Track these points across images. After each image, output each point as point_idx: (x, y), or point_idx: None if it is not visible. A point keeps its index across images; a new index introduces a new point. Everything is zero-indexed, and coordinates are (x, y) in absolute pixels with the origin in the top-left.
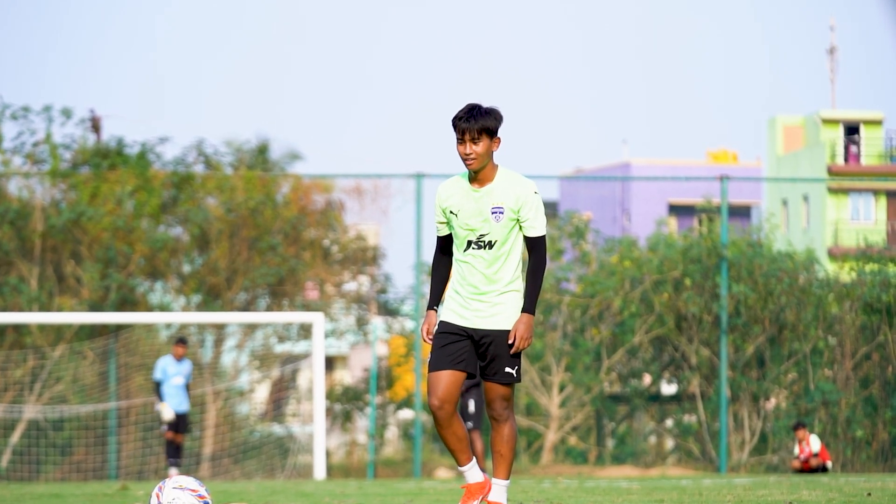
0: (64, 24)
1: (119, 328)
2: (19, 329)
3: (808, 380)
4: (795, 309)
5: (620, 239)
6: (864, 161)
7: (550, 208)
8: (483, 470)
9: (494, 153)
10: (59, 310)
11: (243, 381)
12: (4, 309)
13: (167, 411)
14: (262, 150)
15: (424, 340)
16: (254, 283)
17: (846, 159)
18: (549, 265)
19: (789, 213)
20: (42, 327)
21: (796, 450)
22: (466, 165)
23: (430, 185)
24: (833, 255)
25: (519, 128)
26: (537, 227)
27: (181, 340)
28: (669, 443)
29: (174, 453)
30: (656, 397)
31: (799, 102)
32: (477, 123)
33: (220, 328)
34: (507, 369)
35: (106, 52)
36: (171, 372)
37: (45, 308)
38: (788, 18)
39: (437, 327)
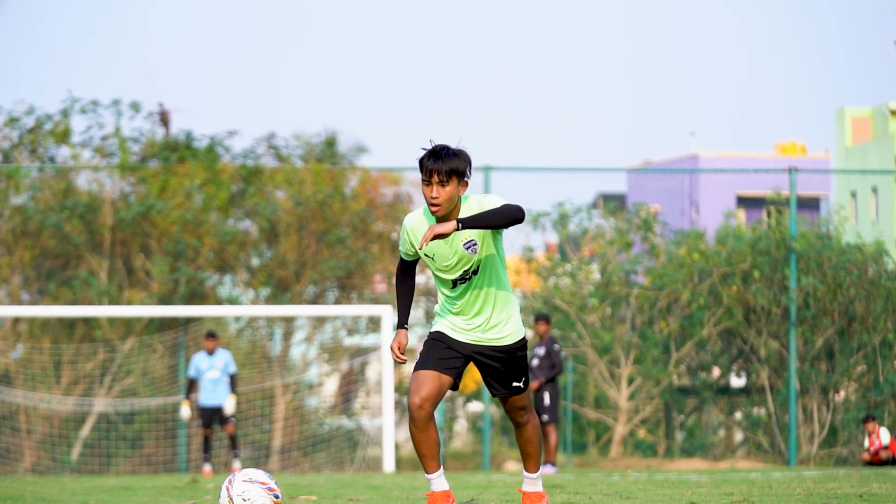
0: (133, 19)
1: (188, 321)
2: (89, 322)
3: (877, 372)
4: (864, 301)
5: (689, 231)
6: None
7: (619, 201)
8: (554, 464)
9: (461, 196)
10: (129, 303)
11: (312, 375)
12: (74, 302)
13: (184, 410)
14: (331, 143)
15: (396, 360)
16: (322, 277)
17: None
18: (617, 258)
19: (858, 204)
20: (112, 320)
21: (866, 442)
22: (431, 210)
23: (498, 178)
24: None
25: (588, 121)
26: (498, 201)
27: (210, 334)
28: (738, 435)
29: (232, 446)
30: (725, 390)
31: (867, 94)
32: (446, 164)
33: (288, 321)
34: (515, 383)
35: (175, 47)
36: (204, 367)
37: (114, 301)
38: (856, 9)
39: (430, 334)
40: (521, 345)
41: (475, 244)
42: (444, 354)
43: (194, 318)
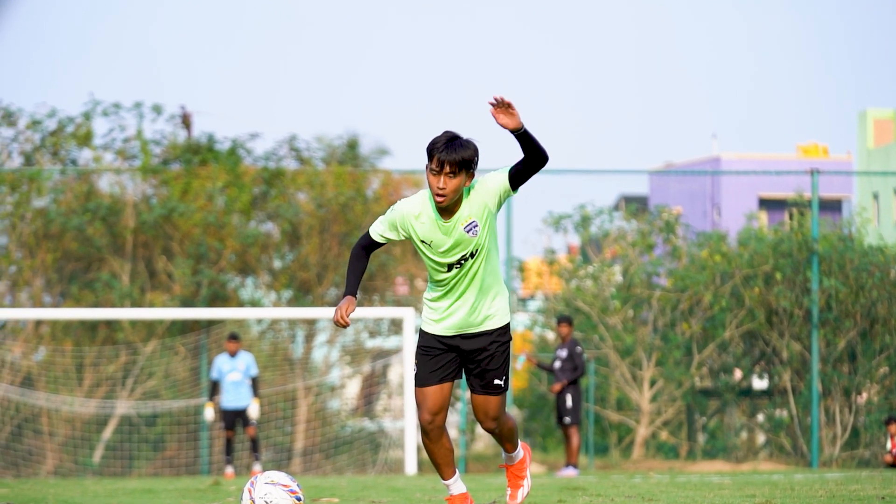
0: (154, 22)
1: (210, 324)
2: (111, 325)
3: None
4: (887, 303)
5: (711, 233)
6: None
7: (640, 203)
8: (576, 466)
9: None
10: (151, 305)
11: (334, 377)
12: (96, 305)
13: (207, 412)
14: (352, 145)
15: (337, 322)
16: (344, 279)
17: None
18: (639, 260)
19: (880, 206)
20: (134, 323)
21: (888, 444)
22: (436, 201)
23: None
24: None
25: (609, 123)
26: (503, 175)
27: (233, 336)
28: (761, 438)
29: (253, 449)
30: (747, 392)
31: (889, 95)
32: (457, 155)
33: (310, 324)
34: (497, 381)
35: (197, 49)
36: (226, 369)
37: (136, 304)
38: (878, 11)
39: (418, 340)
40: (506, 334)
41: (476, 226)
42: (437, 364)
43: (216, 321)
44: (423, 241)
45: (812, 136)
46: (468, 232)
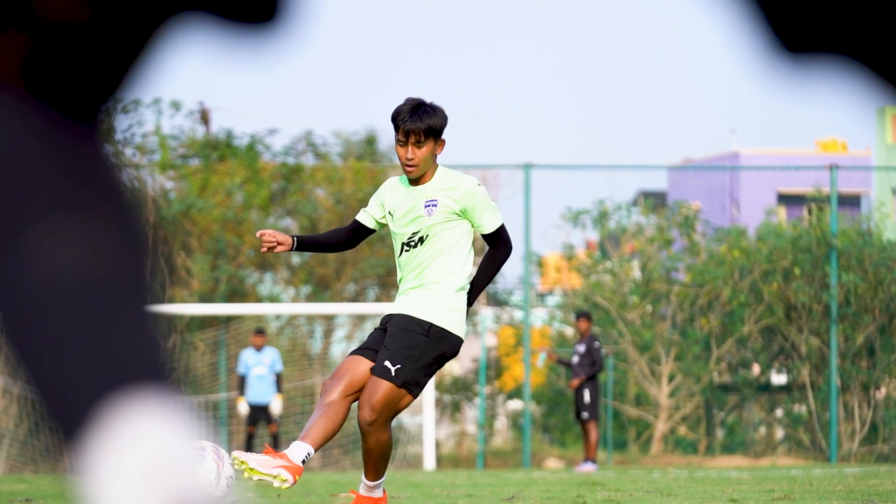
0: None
1: (229, 319)
2: None
3: None
4: None
5: (729, 229)
6: None
7: (659, 198)
8: (594, 461)
9: (437, 156)
10: (170, 301)
11: None
12: None
13: (241, 406)
14: (370, 141)
15: (263, 241)
16: (363, 274)
17: None
18: (658, 255)
19: None
20: None
21: None
22: (406, 171)
23: (539, 175)
24: None
25: (629, 118)
26: (492, 220)
27: (259, 331)
28: (779, 433)
29: (273, 446)
30: (766, 387)
31: None
32: (423, 124)
33: (329, 319)
34: (387, 363)
35: (214, 45)
36: (252, 363)
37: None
38: None
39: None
40: (425, 328)
41: (435, 204)
42: (369, 342)
43: (235, 317)
44: (389, 213)
45: (831, 131)
46: (426, 207)
